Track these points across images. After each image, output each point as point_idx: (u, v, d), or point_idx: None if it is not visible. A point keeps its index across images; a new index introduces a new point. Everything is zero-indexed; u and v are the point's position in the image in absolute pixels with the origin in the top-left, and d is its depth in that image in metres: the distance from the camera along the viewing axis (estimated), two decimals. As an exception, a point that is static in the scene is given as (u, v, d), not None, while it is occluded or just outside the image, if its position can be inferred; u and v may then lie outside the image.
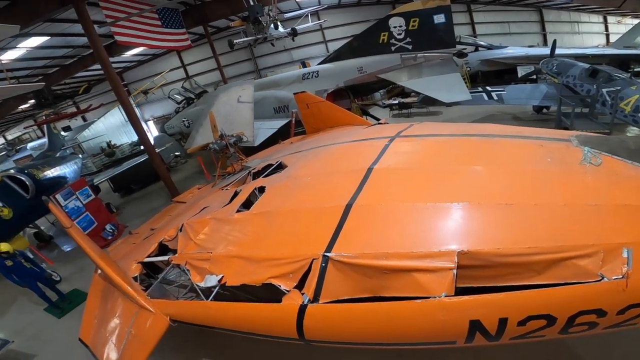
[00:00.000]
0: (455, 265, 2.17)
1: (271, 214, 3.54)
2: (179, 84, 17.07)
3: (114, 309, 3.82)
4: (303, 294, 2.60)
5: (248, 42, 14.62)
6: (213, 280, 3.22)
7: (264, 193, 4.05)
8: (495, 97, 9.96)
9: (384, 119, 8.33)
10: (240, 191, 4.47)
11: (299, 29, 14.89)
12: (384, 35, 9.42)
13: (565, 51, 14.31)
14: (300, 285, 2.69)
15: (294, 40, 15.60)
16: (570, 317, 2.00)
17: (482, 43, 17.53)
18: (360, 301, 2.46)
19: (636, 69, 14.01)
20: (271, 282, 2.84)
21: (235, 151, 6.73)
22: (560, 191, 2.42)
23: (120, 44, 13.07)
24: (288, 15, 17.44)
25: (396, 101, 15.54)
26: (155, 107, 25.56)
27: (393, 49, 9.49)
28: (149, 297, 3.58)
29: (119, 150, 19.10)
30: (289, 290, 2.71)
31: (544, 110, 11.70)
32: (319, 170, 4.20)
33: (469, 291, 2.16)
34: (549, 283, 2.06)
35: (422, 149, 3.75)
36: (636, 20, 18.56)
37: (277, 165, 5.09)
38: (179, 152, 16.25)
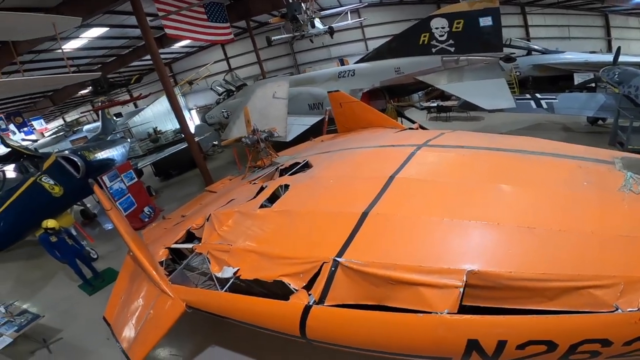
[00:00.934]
0: (463, 284, 2.16)
1: (290, 213, 3.65)
2: (222, 76, 17.71)
3: (139, 290, 4.10)
4: (310, 295, 2.69)
5: (286, 39, 14.81)
6: (229, 272, 3.38)
7: (287, 191, 4.17)
8: (545, 106, 9.28)
9: (416, 124, 8.12)
10: (266, 187, 4.61)
11: (338, 26, 14.85)
12: (425, 36, 9.13)
13: (631, 59, 13.03)
14: (309, 285, 2.78)
15: (332, 37, 15.59)
16: (573, 345, 1.97)
17: (536, 47, 16.35)
18: (363, 308, 2.50)
19: None
20: (282, 280, 2.95)
21: (265, 146, 6.90)
22: (590, 218, 2.32)
23: (170, 37, 13.84)
24: (327, 12, 17.46)
25: (435, 104, 14.95)
26: (199, 97, 26.73)
27: (434, 50, 9.17)
28: (171, 282, 3.82)
29: (164, 137, 20.18)
30: (297, 290, 2.81)
31: (600, 122, 10.76)
32: (342, 173, 4.25)
33: (474, 309, 2.15)
34: (556, 310, 2.01)
35: (448, 161, 3.67)
36: None
37: (304, 164, 5.19)
38: (217, 142, 16.91)
